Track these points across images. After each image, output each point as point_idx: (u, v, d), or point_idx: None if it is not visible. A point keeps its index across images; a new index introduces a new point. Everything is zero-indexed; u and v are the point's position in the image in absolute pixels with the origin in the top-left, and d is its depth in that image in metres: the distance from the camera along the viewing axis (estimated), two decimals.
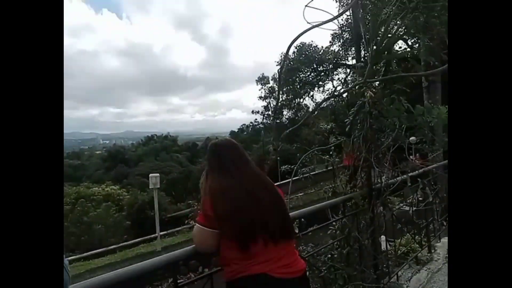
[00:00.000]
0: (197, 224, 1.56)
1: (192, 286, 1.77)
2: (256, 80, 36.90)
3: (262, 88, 36.98)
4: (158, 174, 9.17)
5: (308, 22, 3.13)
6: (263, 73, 37.09)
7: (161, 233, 9.96)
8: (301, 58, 19.22)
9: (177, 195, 24.61)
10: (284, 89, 21.83)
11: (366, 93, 2.37)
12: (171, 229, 14.34)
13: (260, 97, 37.11)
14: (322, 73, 20.18)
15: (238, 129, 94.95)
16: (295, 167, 2.70)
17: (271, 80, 36.27)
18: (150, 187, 9.03)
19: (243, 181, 1.56)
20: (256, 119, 42.18)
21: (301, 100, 35.86)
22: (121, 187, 22.45)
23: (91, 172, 64.46)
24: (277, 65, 23.80)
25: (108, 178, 47.35)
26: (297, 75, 20.62)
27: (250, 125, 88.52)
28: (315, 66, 19.67)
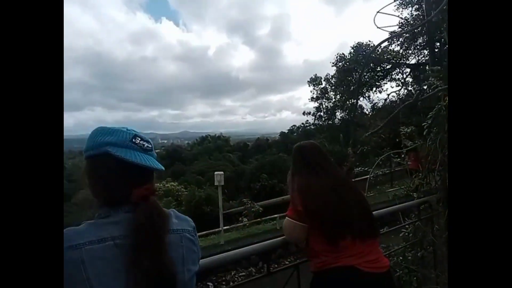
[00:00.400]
0: (287, 218, 1.71)
1: (279, 276, 1.93)
2: (308, 81, 36.53)
3: (314, 89, 36.51)
4: (222, 172, 9.58)
5: (378, 27, 3.15)
6: (315, 74, 36.61)
7: (225, 227, 10.43)
8: (358, 58, 18.46)
9: (230, 193, 25.40)
10: (339, 89, 21.10)
11: (443, 97, 2.35)
12: (228, 225, 14.92)
13: (312, 98, 36.65)
14: (380, 73, 19.20)
15: (288, 130, 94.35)
16: (372, 169, 2.76)
17: (324, 81, 35.63)
18: (215, 184, 9.44)
19: (329, 180, 1.68)
20: (307, 120, 41.63)
21: (355, 101, 34.67)
22: (178, 184, 23.82)
23: None
24: (332, 66, 22.94)
25: (167, 175, 50.32)
26: (353, 76, 19.91)
27: (300, 126, 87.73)
28: (372, 66, 18.82)
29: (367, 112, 34.43)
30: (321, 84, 35.61)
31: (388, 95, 19.96)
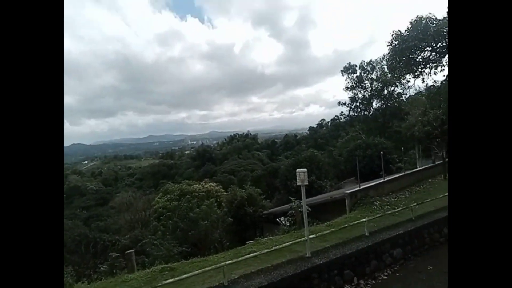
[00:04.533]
0: None
1: None
2: (341, 71, 34.77)
3: (347, 78, 34.70)
4: (305, 170, 8.23)
5: None
6: (349, 62, 34.76)
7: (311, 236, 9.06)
8: (418, 34, 16.00)
9: (263, 192, 24.46)
10: (397, 71, 18.07)
11: None
12: (276, 228, 14.06)
13: (347, 88, 34.85)
14: (438, 50, 16.66)
15: (317, 124, 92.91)
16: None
17: (359, 68, 33.77)
18: (297, 183, 8.14)
19: None
20: (342, 112, 39.73)
21: (393, 88, 32.48)
22: (217, 184, 23.34)
23: (182, 170, 70.54)
24: (388, 46, 18.95)
25: (198, 175, 50.72)
26: (409, 56, 17.33)
27: (330, 121, 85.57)
28: (433, 44, 16.32)
29: (405, 100, 32.21)
30: (356, 72, 33.81)
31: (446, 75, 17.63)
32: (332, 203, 14.85)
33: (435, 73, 17.65)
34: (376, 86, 33.61)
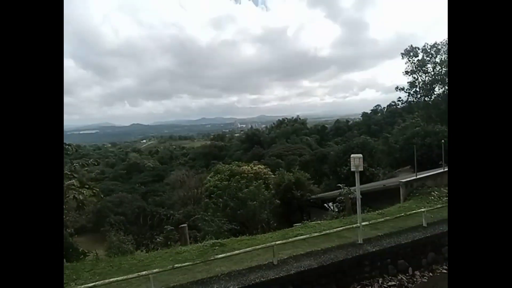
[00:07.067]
0: None
1: None
2: (401, 53, 32.44)
3: (408, 61, 32.29)
4: (361, 155, 8.02)
5: None
6: (411, 45, 32.24)
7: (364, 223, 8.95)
8: None
9: (311, 177, 24.19)
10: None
11: None
12: (320, 213, 14.00)
13: (407, 72, 32.49)
14: None
15: (371, 110, 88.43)
16: None
17: (421, 52, 31.21)
18: (352, 169, 8.01)
19: None
20: (399, 98, 37.29)
21: None
22: (265, 167, 23.71)
23: (232, 152, 72.60)
24: None
25: (246, 158, 51.89)
26: None
27: (386, 107, 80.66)
28: None
29: None
30: (417, 56, 31.32)
31: None
32: (385, 191, 14.30)
33: None
34: (440, 70, 30.91)
